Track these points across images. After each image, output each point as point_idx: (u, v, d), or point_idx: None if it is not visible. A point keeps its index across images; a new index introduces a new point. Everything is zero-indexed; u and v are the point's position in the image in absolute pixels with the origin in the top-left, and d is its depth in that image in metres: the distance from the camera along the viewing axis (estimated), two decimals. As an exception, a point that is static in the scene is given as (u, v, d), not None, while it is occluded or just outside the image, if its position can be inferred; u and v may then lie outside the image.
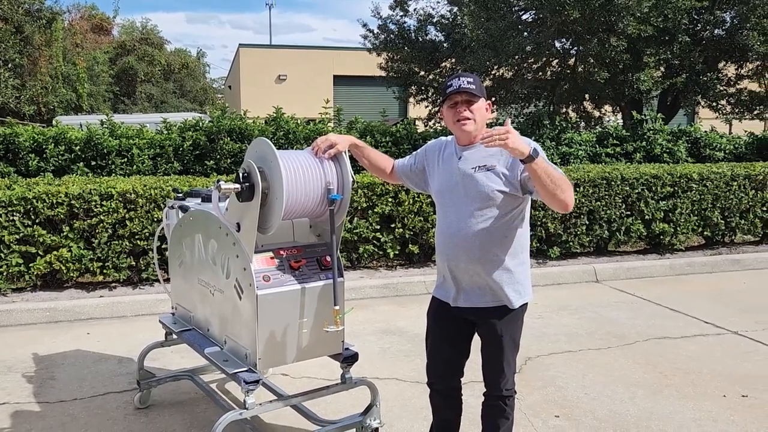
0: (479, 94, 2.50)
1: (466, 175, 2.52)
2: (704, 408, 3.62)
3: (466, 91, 2.48)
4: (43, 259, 5.47)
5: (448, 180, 2.59)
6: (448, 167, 2.60)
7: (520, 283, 2.56)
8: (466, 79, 2.50)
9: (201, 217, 3.13)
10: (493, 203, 2.47)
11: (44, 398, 3.73)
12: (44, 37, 20.58)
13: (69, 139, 6.94)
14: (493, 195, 2.46)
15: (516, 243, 2.54)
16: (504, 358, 2.61)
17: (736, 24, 9.40)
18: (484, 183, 2.47)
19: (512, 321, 2.59)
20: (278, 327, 2.76)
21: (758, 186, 7.67)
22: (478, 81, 2.53)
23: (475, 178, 2.49)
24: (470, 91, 2.48)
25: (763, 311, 5.51)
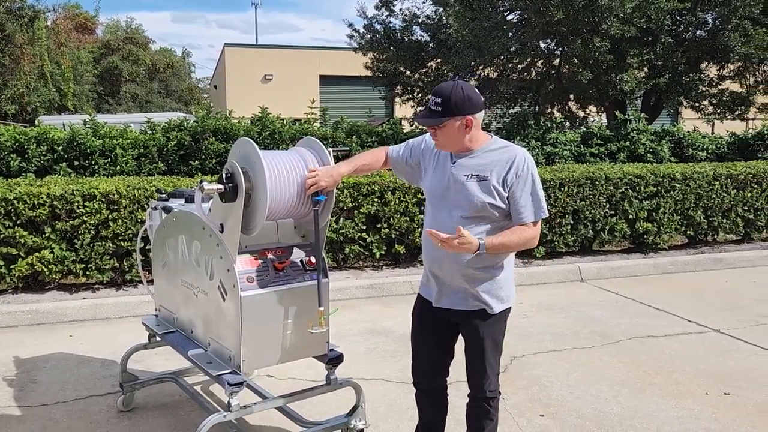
0: (442, 118, 2.42)
1: (458, 182, 2.50)
2: (687, 406, 3.66)
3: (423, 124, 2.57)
4: (24, 260, 5.40)
5: (440, 183, 2.58)
6: (441, 170, 2.59)
7: (502, 289, 2.56)
8: (432, 103, 2.45)
9: (184, 218, 3.10)
10: (481, 213, 2.47)
11: (25, 402, 3.68)
12: (26, 35, 20.34)
13: (51, 139, 6.86)
14: (482, 206, 2.46)
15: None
16: (486, 359, 2.61)
17: (718, 25, 9.51)
18: (474, 192, 2.46)
19: (494, 324, 2.59)
20: (262, 328, 2.75)
21: (740, 185, 7.76)
22: (450, 100, 2.41)
23: (466, 186, 2.48)
24: (426, 125, 2.53)
25: (745, 310, 5.58)
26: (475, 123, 2.47)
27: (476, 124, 2.48)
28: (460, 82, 2.51)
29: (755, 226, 7.98)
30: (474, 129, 2.48)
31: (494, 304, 2.55)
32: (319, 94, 22.31)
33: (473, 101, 2.45)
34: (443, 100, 2.43)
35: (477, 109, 2.46)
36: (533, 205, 2.48)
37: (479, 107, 2.48)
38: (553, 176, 6.91)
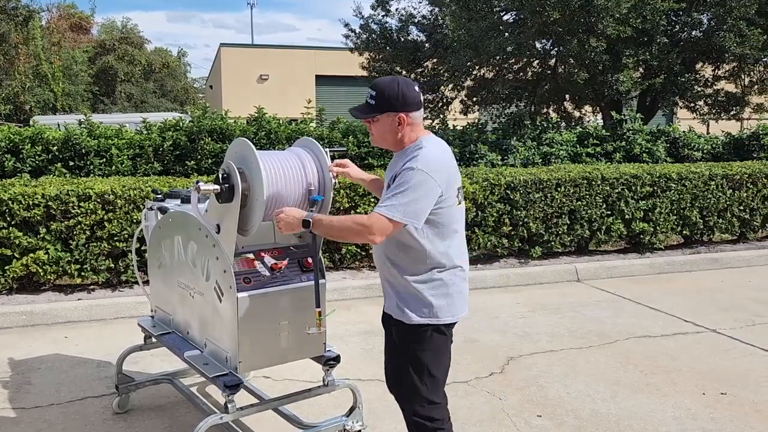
0: (375, 113, 2.38)
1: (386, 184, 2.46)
2: (684, 406, 3.66)
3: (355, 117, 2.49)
4: (19, 261, 5.37)
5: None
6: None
7: (422, 301, 2.36)
8: (368, 96, 2.40)
9: (180, 219, 3.09)
10: None
11: (20, 404, 3.66)
12: (21, 35, 20.27)
13: (46, 140, 6.82)
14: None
15: (416, 258, 2.36)
16: (407, 376, 2.41)
17: (713, 25, 9.53)
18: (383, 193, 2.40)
19: (414, 337, 2.39)
20: (259, 329, 2.74)
21: (735, 185, 7.78)
22: (384, 94, 2.36)
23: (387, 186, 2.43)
24: (359, 118, 2.47)
25: (741, 309, 5.59)
26: (408, 121, 2.38)
27: (410, 123, 2.39)
28: (400, 78, 2.45)
29: (751, 225, 8.00)
30: (407, 127, 2.39)
31: (411, 314, 2.37)
32: (315, 94, 22.31)
33: (408, 99, 2.37)
34: (377, 94, 2.38)
35: (411, 107, 2.38)
36: (390, 200, 2.24)
37: (414, 106, 2.39)
38: (550, 176, 6.91)
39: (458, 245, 2.44)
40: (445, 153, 2.42)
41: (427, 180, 2.25)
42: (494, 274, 6.52)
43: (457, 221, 2.42)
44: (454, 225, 2.39)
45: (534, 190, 6.80)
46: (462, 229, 2.47)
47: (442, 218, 2.34)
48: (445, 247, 2.37)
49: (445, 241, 2.37)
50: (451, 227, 2.38)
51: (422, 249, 2.35)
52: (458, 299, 2.42)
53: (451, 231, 2.39)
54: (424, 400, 2.41)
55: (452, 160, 2.44)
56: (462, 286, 2.44)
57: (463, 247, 2.49)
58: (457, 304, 2.42)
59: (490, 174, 6.83)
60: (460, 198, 2.43)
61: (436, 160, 2.32)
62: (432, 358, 2.41)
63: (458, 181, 2.43)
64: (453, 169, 2.41)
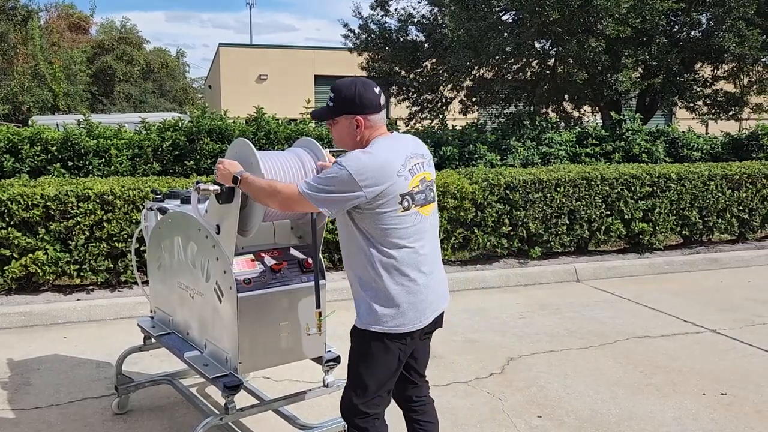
0: (332, 116, 2.38)
1: None
2: (684, 406, 3.66)
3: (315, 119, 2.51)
4: (18, 262, 5.36)
5: None
6: None
7: (368, 307, 2.32)
8: (328, 98, 2.39)
9: (180, 219, 3.08)
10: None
11: (19, 405, 3.65)
12: (20, 35, 20.24)
13: (45, 140, 6.81)
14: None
15: (363, 262, 2.32)
16: (348, 372, 2.44)
17: (712, 26, 9.53)
18: None
19: (356, 340, 2.40)
20: (259, 330, 2.73)
21: (735, 186, 7.78)
22: (341, 96, 2.35)
23: None
24: (318, 120, 2.48)
25: (741, 310, 5.59)
26: (366, 124, 2.34)
27: (369, 126, 2.35)
28: (360, 79, 2.40)
29: (750, 226, 8.00)
30: (366, 130, 2.35)
31: (358, 317, 2.37)
32: (315, 94, 22.30)
33: (365, 101, 2.33)
34: (335, 96, 2.36)
35: (369, 109, 2.34)
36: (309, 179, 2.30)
37: (372, 108, 2.34)
38: (549, 176, 6.91)
39: (409, 254, 2.30)
40: (388, 155, 2.27)
41: (347, 180, 2.19)
42: (494, 274, 6.52)
43: (403, 229, 2.29)
44: (397, 232, 2.28)
45: (533, 191, 6.80)
46: (418, 236, 2.32)
47: (380, 223, 2.26)
48: (387, 254, 2.28)
49: (388, 247, 2.28)
50: (393, 234, 2.27)
51: (367, 253, 2.30)
52: (409, 311, 2.31)
53: (394, 237, 2.28)
54: (352, 404, 2.38)
55: (397, 163, 2.27)
56: (414, 298, 2.31)
57: (421, 256, 2.34)
58: (407, 316, 2.30)
59: (489, 174, 6.83)
60: (408, 204, 2.28)
61: (368, 164, 2.21)
62: (367, 366, 2.36)
63: (404, 186, 2.27)
64: (392, 174, 2.24)
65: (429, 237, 2.40)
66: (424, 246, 2.36)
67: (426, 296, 2.36)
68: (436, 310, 2.43)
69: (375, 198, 2.23)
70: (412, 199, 2.31)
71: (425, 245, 2.37)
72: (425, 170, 2.39)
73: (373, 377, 2.37)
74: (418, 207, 2.33)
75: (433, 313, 2.41)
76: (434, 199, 2.44)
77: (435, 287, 2.41)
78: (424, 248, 2.36)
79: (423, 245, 2.35)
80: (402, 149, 2.35)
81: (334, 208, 2.27)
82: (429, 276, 2.38)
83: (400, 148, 2.34)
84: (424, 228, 2.37)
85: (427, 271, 2.37)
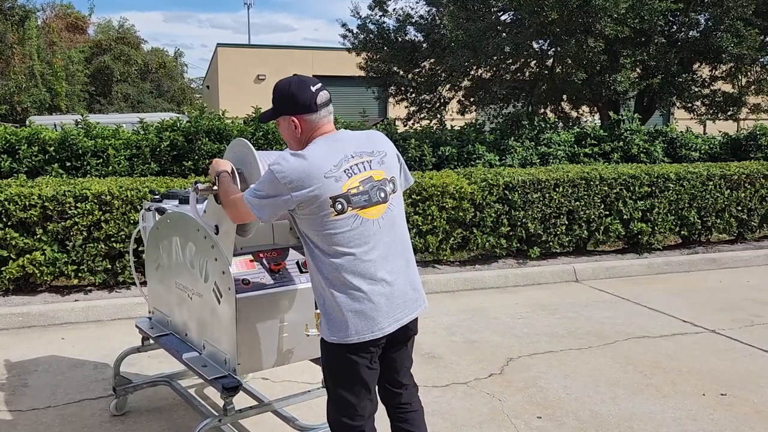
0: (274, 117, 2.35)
1: None
2: (684, 407, 3.65)
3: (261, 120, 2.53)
4: (15, 262, 5.34)
5: None
6: None
7: (326, 316, 2.25)
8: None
9: (178, 220, 3.07)
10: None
11: (16, 406, 3.63)
12: (17, 35, 20.19)
13: (43, 140, 6.78)
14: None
15: (312, 268, 2.27)
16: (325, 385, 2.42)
17: (710, 26, 9.53)
18: None
19: (324, 350, 2.33)
20: (258, 331, 2.72)
21: (733, 186, 7.78)
22: (276, 95, 2.32)
23: None
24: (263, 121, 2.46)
25: (739, 309, 5.59)
26: (304, 125, 2.27)
27: (307, 127, 2.28)
28: (297, 78, 2.31)
29: (748, 226, 8.00)
30: (306, 130, 2.28)
31: (322, 329, 2.29)
32: (313, 94, 22.22)
33: (299, 100, 2.25)
34: (273, 97, 2.31)
35: (304, 110, 2.25)
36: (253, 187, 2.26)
37: (307, 108, 2.25)
38: (548, 176, 6.90)
39: (353, 261, 2.20)
40: (317, 157, 2.17)
41: (274, 184, 2.16)
42: (492, 274, 6.51)
43: (343, 234, 2.18)
44: (337, 238, 2.18)
45: (532, 191, 6.79)
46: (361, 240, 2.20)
47: (321, 228, 2.18)
48: (331, 261, 2.20)
49: (333, 256, 2.20)
50: (334, 240, 2.18)
51: (314, 260, 2.25)
52: (356, 320, 2.20)
53: (336, 244, 2.19)
54: (337, 420, 2.34)
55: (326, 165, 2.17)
56: (360, 306, 2.20)
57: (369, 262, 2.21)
58: (354, 326, 2.20)
59: (488, 174, 6.82)
60: (342, 207, 2.17)
61: (293, 166, 2.14)
62: (337, 378, 2.31)
63: (335, 189, 2.16)
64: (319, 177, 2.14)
65: (377, 241, 2.23)
66: (369, 251, 2.21)
67: (379, 305, 2.22)
68: (398, 319, 2.28)
69: (304, 202, 2.15)
70: (348, 202, 2.17)
71: (371, 250, 2.21)
72: (372, 169, 2.25)
73: (346, 388, 2.29)
74: (357, 209, 2.19)
75: (394, 322, 2.26)
76: (386, 200, 2.27)
77: (394, 294, 2.26)
78: (369, 254, 2.21)
79: (367, 250, 2.21)
80: (340, 149, 2.23)
81: (265, 213, 2.22)
82: (381, 284, 2.23)
83: (337, 147, 2.23)
84: (369, 232, 2.21)
85: (378, 278, 2.22)
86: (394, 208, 2.32)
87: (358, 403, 2.31)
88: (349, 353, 2.24)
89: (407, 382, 2.51)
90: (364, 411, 2.33)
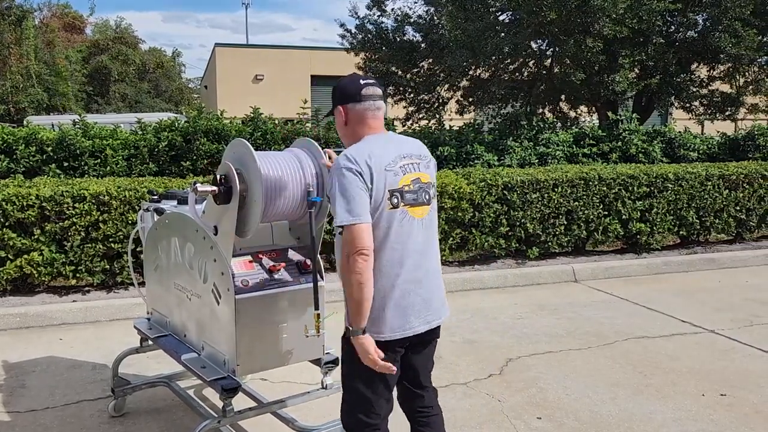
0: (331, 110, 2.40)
1: None
2: (684, 407, 3.64)
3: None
4: (13, 263, 5.32)
5: None
6: None
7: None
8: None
9: (177, 220, 3.05)
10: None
11: (14, 407, 3.61)
12: (14, 35, 20.14)
13: (40, 140, 6.76)
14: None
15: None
16: (342, 382, 2.40)
17: (709, 26, 9.54)
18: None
19: (344, 348, 2.34)
20: (257, 332, 2.71)
21: (732, 186, 7.78)
22: (332, 90, 2.37)
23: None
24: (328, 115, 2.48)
25: (738, 309, 5.59)
26: (350, 115, 2.31)
27: (353, 117, 2.31)
28: (352, 74, 2.42)
29: (747, 226, 8.01)
30: (354, 123, 2.31)
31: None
32: (311, 94, 22.22)
33: (345, 91, 2.30)
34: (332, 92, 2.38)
35: (349, 99, 2.29)
36: (335, 212, 2.17)
37: (351, 98, 2.29)
38: (547, 176, 6.90)
39: (395, 255, 2.22)
40: (375, 149, 2.21)
41: (350, 179, 2.14)
42: (492, 274, 6.50)
43: (391, 227, 2.20)
44: (385, 230, 2.20)
45: (531, 191, 6.78)
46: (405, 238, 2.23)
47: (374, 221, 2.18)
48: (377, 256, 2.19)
49: (378, 253, 2.19)
50: (382, 232, 2.19)
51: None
52: (392, 318, 2.23)
53: (383, 237, 2.20)
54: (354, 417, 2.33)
55: (386, 158, 2.21)
56: (399, 304, 2.23)
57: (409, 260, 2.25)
58: (389, 323, 2.23)
59: (487, 174, 6.81)
60: (397, 201, 2.21)
61: (356, 156, 2.17)
62: (359, 374, 2.28)
63: (393, 182, 2.20)
64: (381, 168, 2.18)
65: (417, 240, 2.27)
66: (411, 250, 2.25)
67: (414, 304, 2.26)
68: (428, 321, 2.32)
69: (372, 193, 2.16)
70: (402, 197, 2.22)
71: (413, 249, 2.26)
72: (421, 171, 2.31)
73: (367, 384, 2.30)
74: (408, 206, 2.25)
75: (425, 323, 2.31)
76: (429, 202, 2.33)
77: (426, 297, 2.30)
78: (410, 252, 2.25)
79: (410, 248, 2.25)
80: (393, 148, 2.28)
81: (365, 209, 2.13)
82: (417, 283, 2.27)
83: (390, 146, 2.28)
84: (413, 230, 2.26)
85: (415, 278, 2.26)
86: (432, 212, 2.38)
87: (376, 400, 2.32)
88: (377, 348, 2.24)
89: (428, 384, 2.52)
90: (380, 410, 2.34)
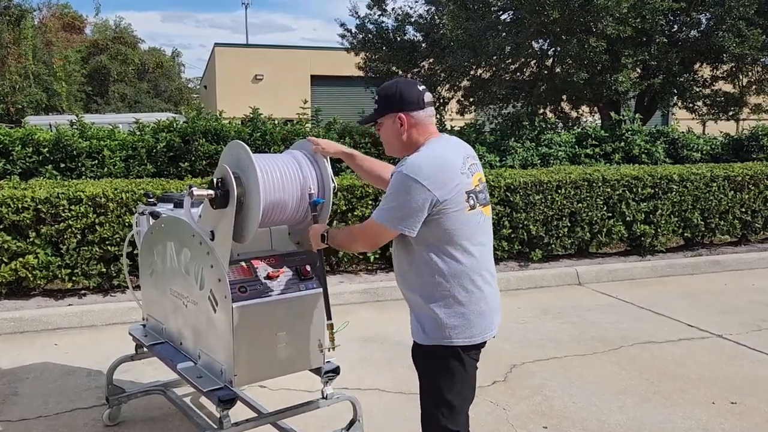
0: (377, 117, 2.32)
1: None
2: (694, 416, 3.55)
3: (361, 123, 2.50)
4: (8, 266, 5.23)
5: None
6: None
7: (433, 321, 2.20)
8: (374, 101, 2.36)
9: (173, 224, 2.96)
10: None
11: (5, 416, 3.52)
12: (13, 35, 20.06)
13: (37, 141, 6.67)
14: None
15: (423, 273, 2.21)
16: (421, 398, 2.30)
17: (712, 26, 9.44)
18: None
19: (423, 358, 2.27)
20: (255, 341, 2.62)
21: (737, 187, 7.69)
22: (382, 95, 2.31)
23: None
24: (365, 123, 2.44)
25: (745, 313, 5.50)
26: (411, 122, 2.26)
27: (414, 124, 2.26)
28: (404, 79, 2.38)
29: (752, 227, 7.91)
30: (412, 129, 2.27)
31: (422, 335, 2.23)
32: (311, 94, 22.16)
33: (406, 97, 2.25)
34: (378, 98, 2.32)
35: (411, 105, 2.25)
36: (380, 205, 2.19)
37: (413, 104, 2.25)
38: (550, 178, 6.80)
39: (475, 258, 2.21)
40: (447, 153, 2.20)
41: (412, 185, 2.09)
42: (494, 277, 6.40)
43: (470, 229, 2.19)
44: (464, 233, 2.17)
45: (534, 192, 6.69)
46: (482, 238, 2.25)
47: (448, 225, 2.14)
48: (455, 259, 2.17)
49: (456, 252, 2.18)
50: (461, 235, 2.17)
51: (430, 263, 2.19)
52: (477, 319, 2.21)
53: (462, 240, 2.17)
54: (443, 429, 2.24)
55: (458, 161, 2.20)
56: (482, 306, 2.23)
57: (485, 261, 2.26)
58: (475, 325, 2.21)
59: (489, 176, 6.72)
60: (473, 203, 2.20)
61: (429, 163, 2.13)
62: (448, 384, 2.22)
63: (468, 184, 2.19)
64: (456, 172, 2.16)
65: (489, 239, 2.31)
66: (486, 250, 2.28)
67: (490, 304, 2.27)
68: (495, 323, 2.31)
69: (447, 199, 2.12)
70: (476, 198, 2.22)
71: (487, 250, 2.29)
72: (480, 170, 2.32)
73: (457, 394, 2.24)
74: (481, 206, 2.25)
75: (495, 325, 2.30)
76: (488, 201, 2.33)
77: (495, 297, 2.31)
78: (485, 252, 2.28)
79: (486, 248, 2.28)
80: (457, 149, 2.27)
81: (411, 223, 2.12)
82: (489, 285, 2.28)
83: (454, 147, 2.28)
84: (486, 229, 2.29)
85: (487, 279, 2.27)
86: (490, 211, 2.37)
87: (463, 409, 2.28)
88: (466, 355, 2.22)
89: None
90: (466, 421, 2.30)
